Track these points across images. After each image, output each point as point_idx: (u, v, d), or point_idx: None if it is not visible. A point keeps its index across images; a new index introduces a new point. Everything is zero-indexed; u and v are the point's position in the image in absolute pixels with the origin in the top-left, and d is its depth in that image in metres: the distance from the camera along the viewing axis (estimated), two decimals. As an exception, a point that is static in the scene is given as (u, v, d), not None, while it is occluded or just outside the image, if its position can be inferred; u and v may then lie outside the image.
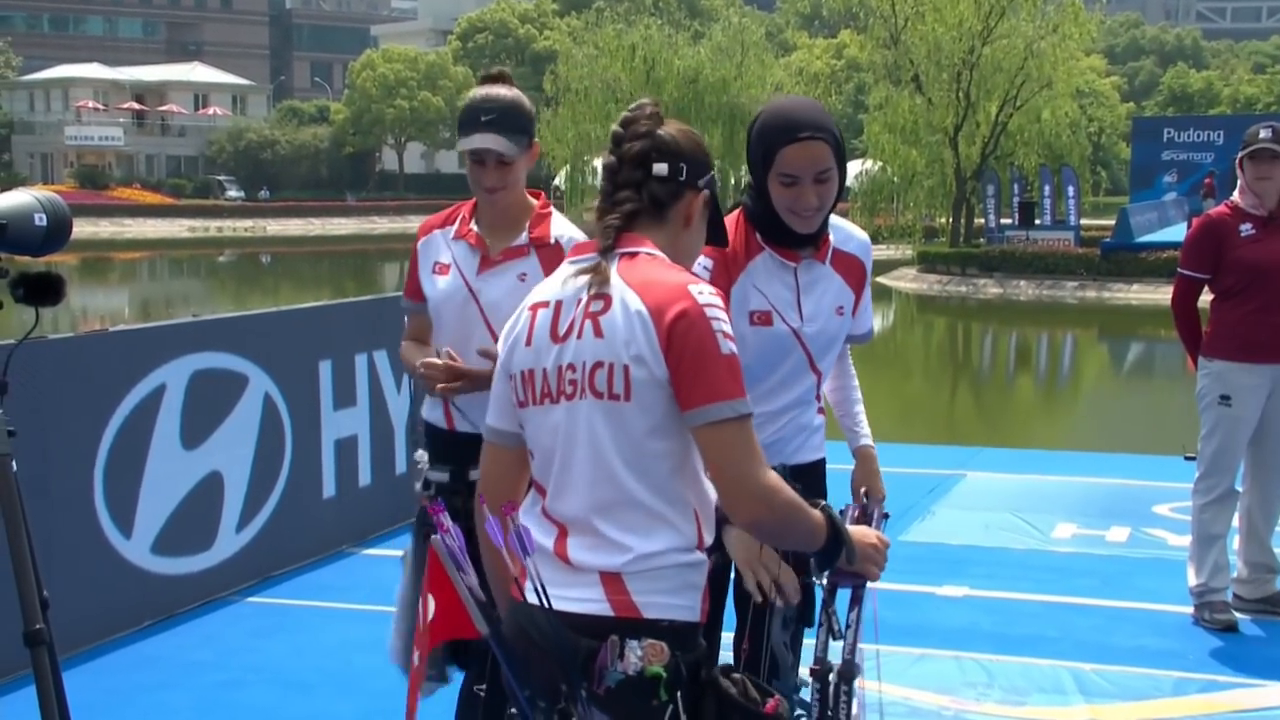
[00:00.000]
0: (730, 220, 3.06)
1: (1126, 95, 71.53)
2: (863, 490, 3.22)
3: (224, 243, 56.66)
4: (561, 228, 3.42)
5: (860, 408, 3.42)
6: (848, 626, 2.69)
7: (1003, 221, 35.40)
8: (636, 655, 2.10)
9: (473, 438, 3.20)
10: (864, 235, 3.29)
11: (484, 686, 3.27)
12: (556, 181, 48.23)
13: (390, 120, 71.79)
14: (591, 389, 2.17)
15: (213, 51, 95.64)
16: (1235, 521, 5.55)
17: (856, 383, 3.46)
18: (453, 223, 3.43)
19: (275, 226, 63.02)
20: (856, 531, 2.40)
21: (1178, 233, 31.04)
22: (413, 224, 68.38)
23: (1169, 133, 38.46)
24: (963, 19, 35.99)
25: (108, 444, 5.21)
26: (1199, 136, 37.77)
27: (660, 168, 2.27)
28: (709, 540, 2.26)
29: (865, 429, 3.37)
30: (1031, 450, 10.32)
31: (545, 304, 2.28)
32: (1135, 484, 8.21)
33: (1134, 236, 30.47)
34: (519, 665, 2.17)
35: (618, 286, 2.20)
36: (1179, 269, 5.50)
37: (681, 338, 2.13)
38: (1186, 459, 5.62)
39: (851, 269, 3.19)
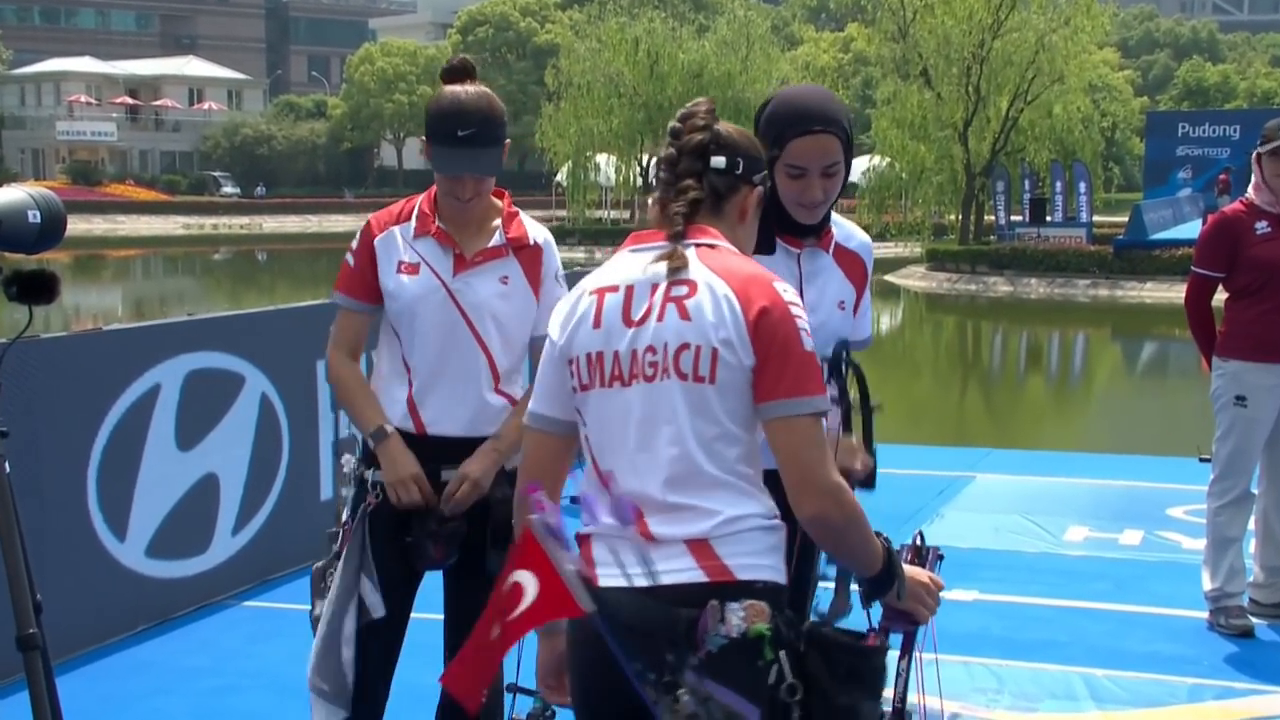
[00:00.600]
0: None
1: (1140, 89, 71.44)
2: (917, 533, 2.97)
3: (219, 240, 56.69)
4: (537, 229, 3.43)
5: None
6: (898, 675, 2.69)
7: (1013, 218, 35.40)
8: (739, 617, 2.14)
9: (445, 441, 3.27)
10: (865, 236, 3.31)
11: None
12: (559, 177, 48.23)
13: (389, 115, 71.87)
14: (676, 370, 2.23)
15: (208, 45, 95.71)
16: (1251, 524, 5.55)
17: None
18: (408, 219, 3.33)
19: (271, 224, 63.07)
20: (908, 570, 2.43)
21: (1192, 230, 31.00)
22: (411, 221, 68.08)
23: (1184, 128, 38.47)
24: (972, 11, 35.97)
25: (101, 445, 5.22)
26: (1215, 131, 37.77)
27: (718, 160, 2.33)
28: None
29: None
30: (1042, 452, 10.32)
31: (613, 288, 2.30)
32: (1149, 486, 8.21)
33: (1148, 234, 30.46)
34: (625, 640, 2.17)
35: (701, 272, 2.26)
36: (1192, 267, 5.49)
37: (770, 329, 2.21)
38: (1201, 461, 5.62)
39: (854, 266, 3.20)
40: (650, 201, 2.59)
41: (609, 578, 2.23)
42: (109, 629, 5.29)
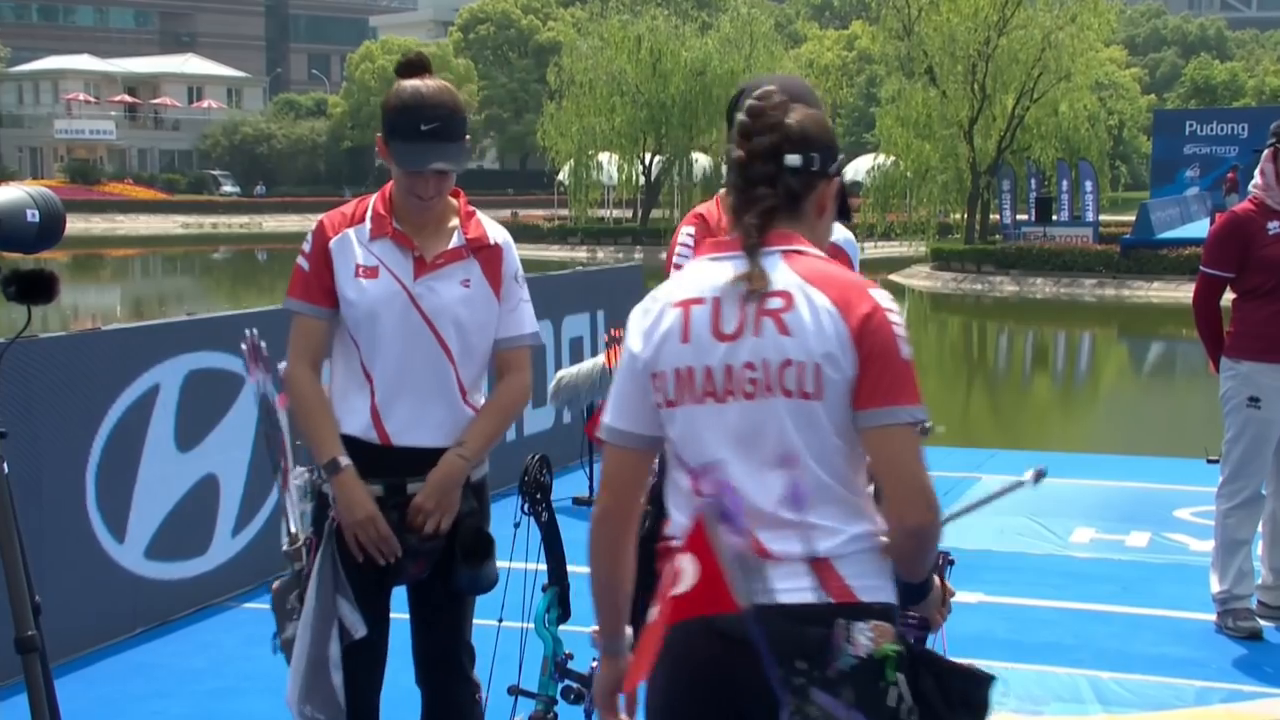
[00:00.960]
0: (716, 200, 3.24)
1: (1147, 87, 71.38)
2: None
3: (219, 239, 56.71)
4: (495, 229, 3.35)
5: None
6: None
7: (1019, 217, 35.38)
8: (867, 638, 2.15)
9: (411, 452, 3.17)
10: (848, 233, 3.32)
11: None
12: (560, 176, 48.18)
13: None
14: (781, 388, 2.19)
15: (207, 43, 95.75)
16: (1259, 527, 5.55)
17: None
18: (362, 220, 3.23)
19: (271, 223, 63.07)
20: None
21: (1200, 229, 30.97)
22: (412, 220, 68.11)
23: (1191, 126, 38.45)
24: (978, 9, 35.93)
25: (100, 446, 5.22)
26: (1222, 130, 37.75)
27: (793, 160, 2.26)
28: None
29: None
30: (1049, 452, 10.32)
31: (698, 300, 2.25)
32: (1156, 487, 8.20)
33: (1155, 233, 30.44)
34: (774, 643, 2.15)
35: (795, 283, 2.21)
36: (1201, 267, 5.47)
37: (871, 337, 2.19)
38: (1209, 462, 5.62)
39: (835, 257, 3.19)
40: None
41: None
42: (108, 631, 5.30)
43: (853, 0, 45.23)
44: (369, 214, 3.23)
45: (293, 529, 3.28)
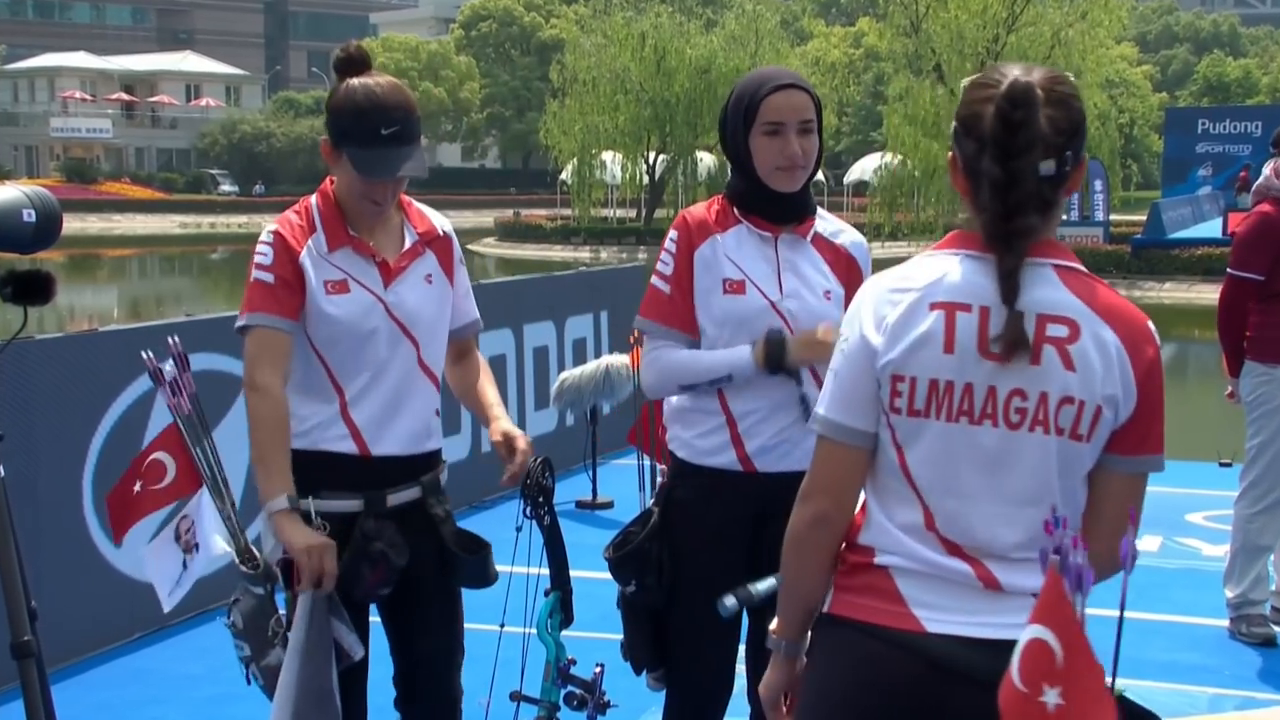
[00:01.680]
0: (710, 202, 3.21)
1: (1159, 85, 71.35)
2: None
3: (217, 239, 56.73)
4: (438, 217, 3.30)
5: None
6: None
7: (1028, 217, 35.31)
8: None
9: (392, 460, 3.12)
10: (858, 235, 3.29)
11: None
12: (563, 175, 48.18)
13: (391, 112, 71.85)
14: (1054, 425, 2.09)
15: (205, 40, 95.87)
16: (1274, 531, 5.54)
17: None
18: (314, 230, 3.08)
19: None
20: None
21: (1212, 229, 30.98)
22: (413, 220, 68.16)
23: (1204, 124, 38.37)
24: (987, 6, 36.00)
25: (97, 448, 5.23)
26: (1235, 128, 37.67)
27: (1047, 167, 2.09)
28: None
29: None
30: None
31: (965, 307, 2.10)
32: (1168, 491, 8.18)
33: (1166, 233, 30.40)
34: (963, 690, 2.08)
35: (1080, 311, 2.10)
36: (1230, 269, 5.42)
37: (1151, 381, 2.13)
38: (1221, 465, 5.60)
39: (839, 260, 3.20)
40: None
41: (937, 622, 2.10)
42: (105, 636, 5.30)
43: (860, -3, 45.22)
44: (319, 223, 3.09)
45: (263, 550, 3.12)
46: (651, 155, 46.02)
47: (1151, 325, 2.18)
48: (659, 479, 3.51)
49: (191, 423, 3.19)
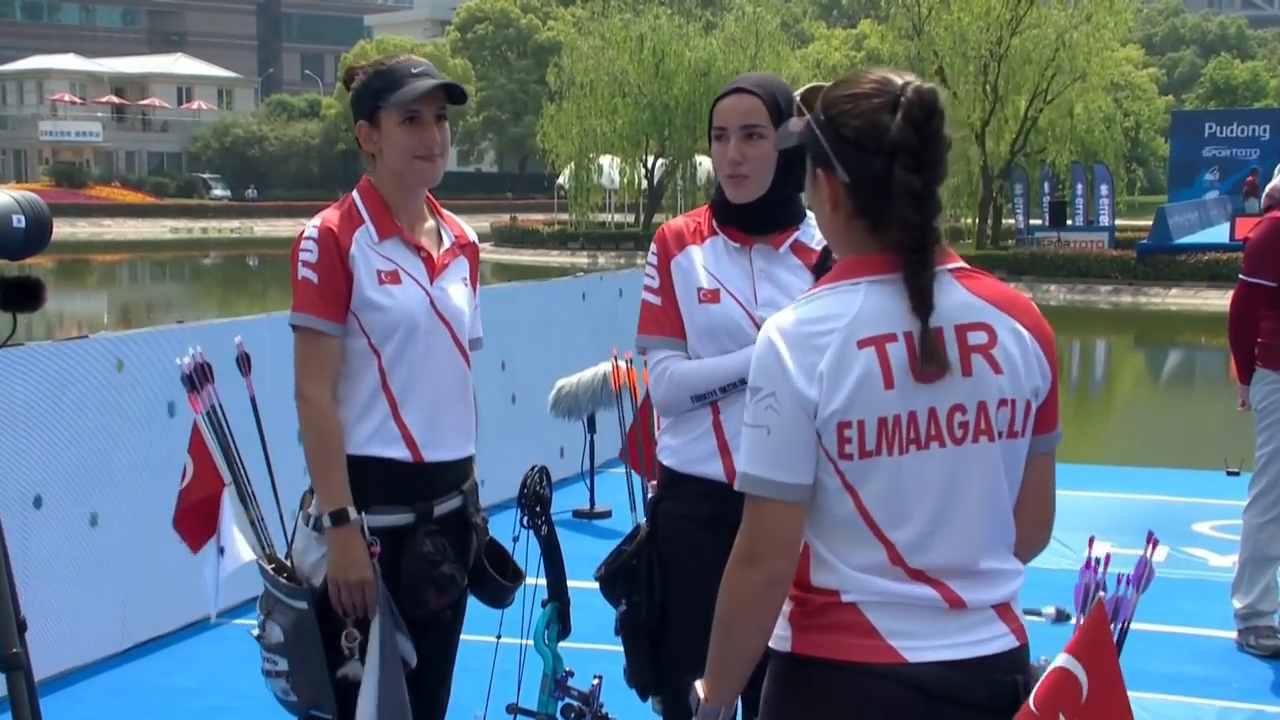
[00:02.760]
0: (696, 211, 3.23)
1: (1165, 88, 71.36)
2: None
3: (209, 244, 56.77)
4: (467, 226, 3.34)
5: None
6: None
7: (1032, 222, 35.40)
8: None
9: (441, 467, 3.13)
10: None
11: None
12: (561, 180, 48.22)
13: (384, 115, 71.91)
14: (994, 430, 2.12)
15: (197, 42, 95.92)
16: None
17: None
18: (362, 221, 3.11)
19: (263, 227, 63.11)
20: None
21: (1220, 234, 31.03)
22: (408, 225, 68.19)
23: (1211, 127, 38.47)
24: (990, 8, 36.00)
25: (88, 457, 5.23)
26: (1243, 131, 37.77)
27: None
28: None
29: None
30: (1063, 464, 10.23)
31: (890, 337, 2.07)
32: (1174, 500, 8.20)
33: (1172, 238, 30.44)
34: (988, 698, 2.15)
35: (989, 312, 2.13)
36: (1242, 275, 5.43)
37: (1054, 359, 2.19)
38: (1230, 474, 5.61)
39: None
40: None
41: (916, 651, 2.10)
42: (94, 649, 5.29)
43: (861, -1, 45.26)
44: (365, 214, 3.13)
45: (303, 562, 3.09)
46: (650, 159, 46.04)
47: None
48: (649, 495, 3.49)
49: (214, 423, 3.23)
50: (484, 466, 3.40)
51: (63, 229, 53.20)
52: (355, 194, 3.17)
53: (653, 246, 3.20)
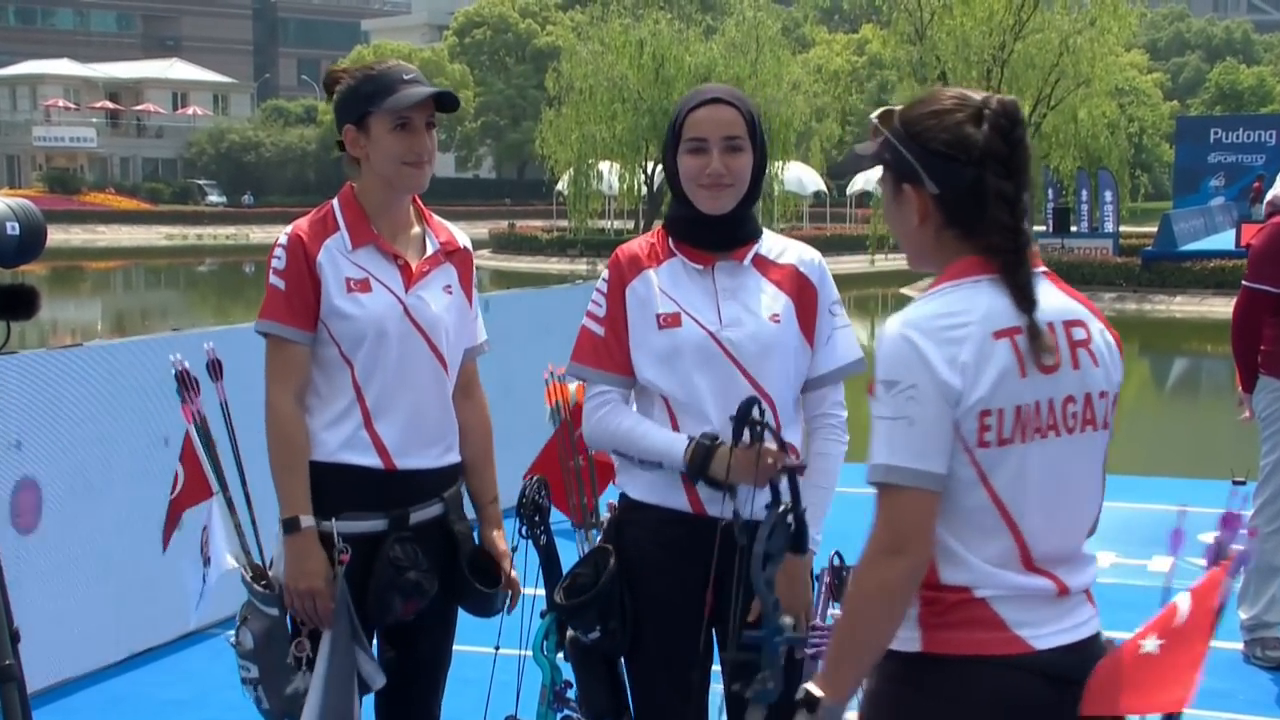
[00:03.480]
0: (649, 234, 3.17)
1: (1170, 93, 71.47)
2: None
3: (204, 251, 56.76)
4: (458, 232, 3.33)
5: (819, 495, 3.02)
6: None
7: (1036, 229, 35.38)
8: None
9: (417, 475, 3.13)
10: (810, 253, 3.17)
11: None
12: (560, 186, 48.24)
13: (381, 121, 71.96)
14: (1096, 420, 2.31)
15: (192, 47, 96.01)
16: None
17: (830, 463, 3.11)
18: (336, 229, 3.13)
19: (259, 234, 63.08)
20: None
21: (1225, 240, 31.03)
22: (405, 231, 68.16)
23: (1216, 133, 38.50)
24: (993, 12, 36.04)
25: (83, 467, 5.23)
26: (1249, 137, 37.80)
27: None
28: None
29: (813, 512, 2.89)
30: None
31: (1017, 329, 2.23)
32: (1179, 510, 8.18)
33: (1177, 245, 30.44)
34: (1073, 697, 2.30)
35: (1081, 311, 2.33)
36: (1245, 282, 5.43)
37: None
38: (1235, 483, 5.60)
39: (787, 279, 3.09)
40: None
41: (1041, 639, 2.26)
42: (87, 659, 5.29)
43: (863, 3, 45.33)
44: (340, 222, 3.13)
45: (277, 570, 3.11)
46: (650, 165, 46.05)
47: None
48: (604, 514, 3.46)
49: (203, 432, 3.22)
50: (482, 476, 3.39)
51: (56, 236, 53.20)
52: (335, 201, 3.19)
53: (604, 271, 3.14)
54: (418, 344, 3.13)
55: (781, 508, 2.57)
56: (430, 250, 3.21)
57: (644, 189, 46.63)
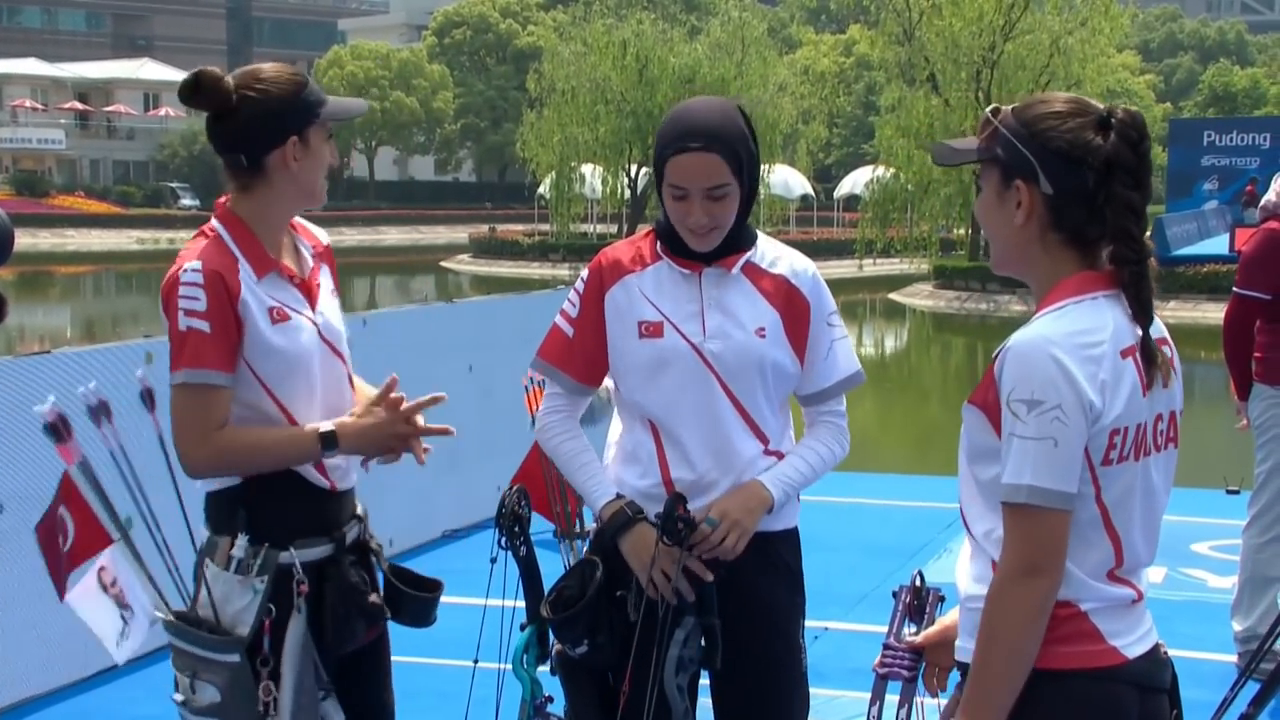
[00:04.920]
0: (639, 235, 3.15)
1: (1163, 95, 71.82)
2: (917, 573, 3.00)
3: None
4: (316, 228, 3.24)
5: (803, 455, 3.10)
6: None
7: (1028, 233, 35.48)
8: None
9: (347, 495, 3.08)
10: (803, 262, 3.14)
11: None
12: (541, 190, 48.26)
13: (359, 123, 71.95)
14: (1177, 438, 2.41)
15: (164, 47, 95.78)
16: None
17: (824, 451, 3.14)
18: (235, 259, 2.96)
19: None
20: None
21: (1219, 245, 31.14)
22: (385, 236, 68.45)
23: (1209, 136, 38.63)
24: (982, 13, 36.15)
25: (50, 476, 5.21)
26: (1243, 140, 37.92)
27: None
28: None
29: (782, 468, 3.05)
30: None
31: (1134, 347, 2.31)
32: (1172, 520, 8.17)
33: (1170, 249, 30.55)
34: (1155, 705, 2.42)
35: (1163, 329, 2.39)
36: (1237, 289, 5.44)
37: None
38: (1228, 493, 5.63)
39: (777, 290, 3.07)
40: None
41: (1128, 648, 2.35)
42: (57, 674, 5.27)
43: (850, 4, 45.43)
44: (236, 250, 2.97)
45: (225, 609, 2.94)
46: (633, 168, 46.11)
47: None
48: (590, 523, 3.47)
49: (88, 473, 3.05)
50: (461, 486, 3.40)
51: (24, 239, 52.96)
52: (220, 227, 3.01)
53: (584, 273, 3.12)
54: (333, 362, 3.08)
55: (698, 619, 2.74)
56: (308, 257, 3.12)
57: (627, 192, 46.67)
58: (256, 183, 3.00)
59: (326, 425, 2.97)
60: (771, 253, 3.11)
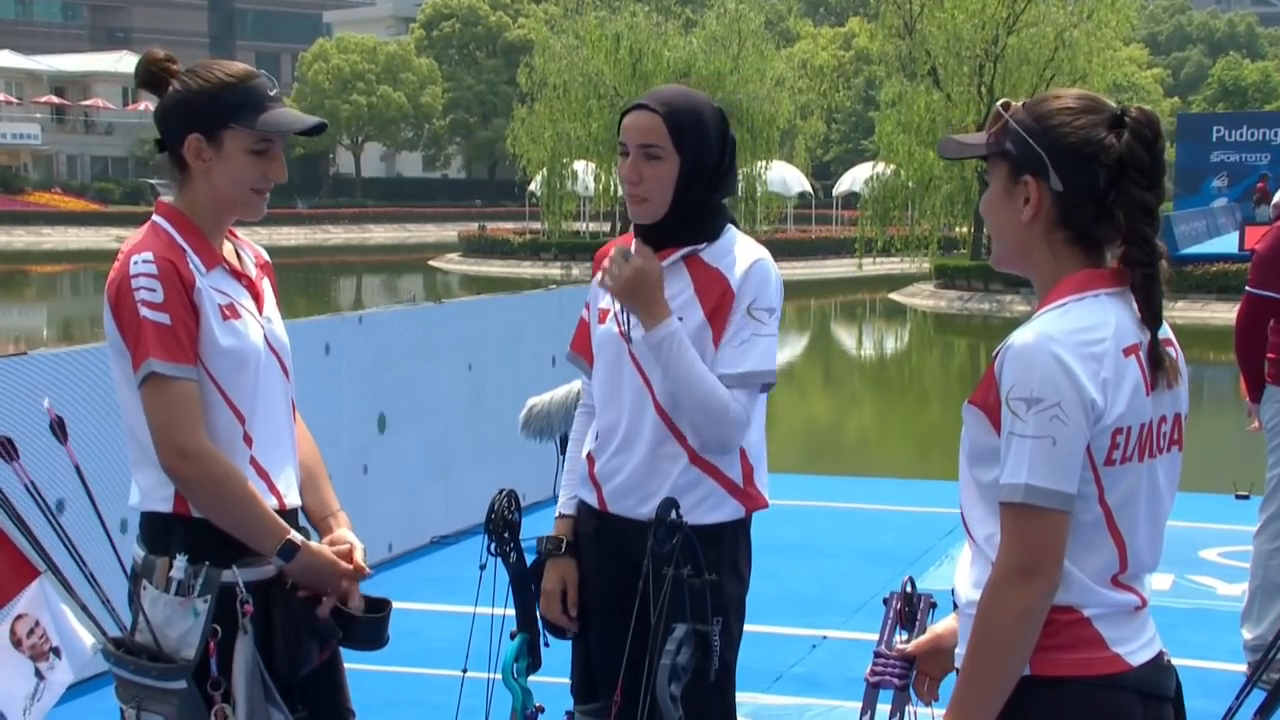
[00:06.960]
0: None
1: (1170, 89, 71.94)
2: (906, 579, 3.04)
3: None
4: (254, 244, 3.20)
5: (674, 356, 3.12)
6: None
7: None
8: None
9: (292, 512, 3.03)
10: (751, 257, 3.19)
11: None
12: (532, 187, 48.25)
13: (346, 118, 71.96)
14: (1181, 440, 2.41)
15: (143, 39, 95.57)
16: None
17: (708, 377, 3.15)
18: (184, 251, 2.91)
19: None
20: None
21: (1228, 243, 31.20)
22: (372, 234, 68.31)
23: (1219, 131, 38.69)
24: (985, 5, 36.24)
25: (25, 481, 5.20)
26: (1253, 135, 37.97)
27: None
28: None
29: (686, 339, 3.16)
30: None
31: (1138, 346, 2.32)
32: (1180, 525, 8.19)
33: (1178, 248, 30.58)
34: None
35: (1168, 330, 2.39)
36: (1249, 288, 5.46)
37: None
38: (1238, 497, 5.64)
39: (712, 285, 3.15)
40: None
41: (1132, 655, 2.35)
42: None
43: (850, -5, 45.50)
44: (184, 244, 2.92)
45: (166, 635, 2.85)
46: (626, 164, 46.12)
47: None
48: None
49: (10, 510, 2.96)
50: (450, 491, 3.41)
51: (-1, 238, 53.01)
52: (163, 220, 2.98)
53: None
54: (276, 371, 3.01)
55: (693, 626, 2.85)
56: (251, 265, 3.07)
57: (620, 189, 46.68)
58: (184, 177, 2.99)
59: (297, 536, 2.91)
60: (728, 253, 3.19)
